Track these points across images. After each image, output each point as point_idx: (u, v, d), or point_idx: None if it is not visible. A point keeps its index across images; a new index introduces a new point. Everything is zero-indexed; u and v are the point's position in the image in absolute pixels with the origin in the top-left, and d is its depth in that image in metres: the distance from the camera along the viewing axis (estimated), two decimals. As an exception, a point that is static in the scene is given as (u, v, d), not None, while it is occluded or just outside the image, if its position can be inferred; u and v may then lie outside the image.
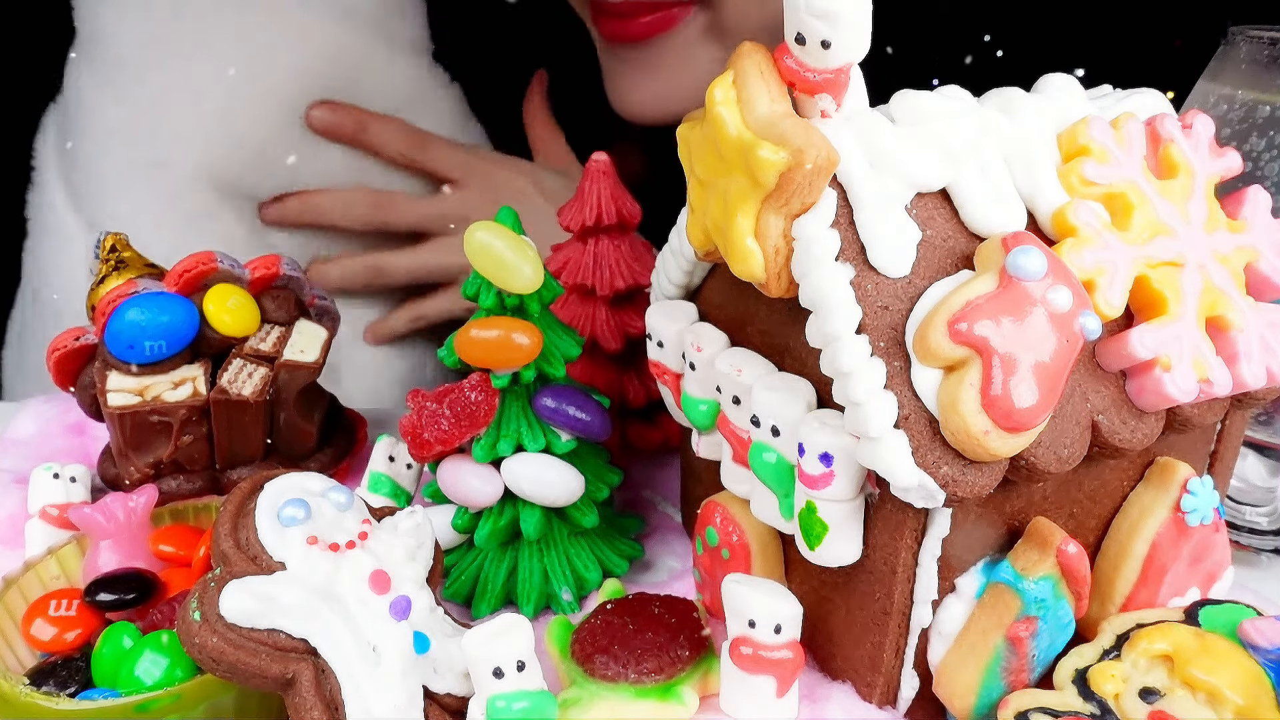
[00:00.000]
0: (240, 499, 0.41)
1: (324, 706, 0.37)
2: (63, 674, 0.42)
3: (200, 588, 0.38)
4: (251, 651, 0.37)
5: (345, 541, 0.40)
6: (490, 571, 0.51)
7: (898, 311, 0.37)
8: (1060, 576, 0.39)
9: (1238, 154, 0.43)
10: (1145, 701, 0.37)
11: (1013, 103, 0.40)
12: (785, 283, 0.38)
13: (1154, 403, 0.38)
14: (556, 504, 0.49)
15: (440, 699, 0.39)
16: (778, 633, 0.40)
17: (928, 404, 0.35)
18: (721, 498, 0.46)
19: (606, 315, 0.59)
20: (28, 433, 0.64)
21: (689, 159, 0.41)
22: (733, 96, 0.37)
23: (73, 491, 0.53)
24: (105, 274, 0.57)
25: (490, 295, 0.47)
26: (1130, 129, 0.41)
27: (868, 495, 0.39)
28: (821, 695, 0.43)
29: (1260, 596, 0.50)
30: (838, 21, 0.34)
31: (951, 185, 0.38)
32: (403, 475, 0.55)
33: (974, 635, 0.39)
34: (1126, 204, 0.39)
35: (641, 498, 0.61)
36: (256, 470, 0.56)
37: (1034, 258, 0.35)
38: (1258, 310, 0.41)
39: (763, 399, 0.41)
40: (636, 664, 0.41)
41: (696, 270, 0.48)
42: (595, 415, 0.50)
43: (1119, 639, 0.40)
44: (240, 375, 0.55)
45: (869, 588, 0.41)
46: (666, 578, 0.54)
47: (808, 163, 0.35)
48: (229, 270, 0.56)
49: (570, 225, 0.58)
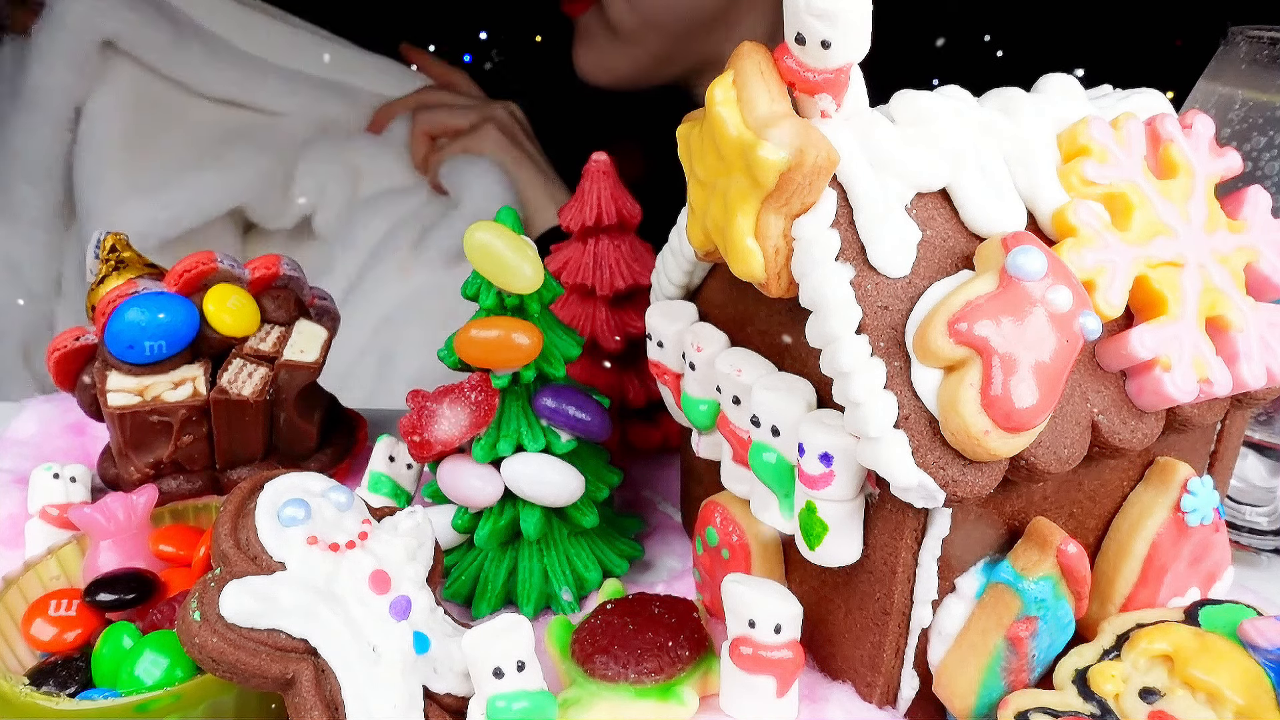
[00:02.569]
0: (240, 499, 0.41)
1: (324, 706, 0.37)
2: (63, 674, 0.42)
3: (200, 588, 0.38)
4: (251, 651, 0.37)
5: (345, 541, 0.40)
6: (490, 571, 0.51)
7: (898, 311, 0.37)
8: (1060, 576, 0.39)
9: (1238, 154, 0.43)
10: (1145, 701, 0.37)
11: (1013, 103, 0.40)
12: (785, 283, 0.38)
13: (1154, 403, 0.38)
14: (556, 504, 0.49)
15: (440, 699, 0.39)
16: (778, 633, 0.40)
17: (928, 404, 0.35)
18: (721, 498, 0.46)
19: (606, 315, 0.59)
20: (28, 433, 0.64)
21: (689, 159, 0.41)
22: (733, 96, 0.37)
23: (73, 491, 0.53)
24: (105, 274, 0.57)
25: (490, 295, 0.47)
26: (1130, 129, 0.41)
27: (868, 495, 0.39)
28: (821, 695, 0.43)
29: (1260, 596, 0.50)
30: (838, 21, 0.34)
31: (951, 185, 0.38)
32: (403, 475, 0.55)
33: (974, 635, 0.39)
34: (1126, 204, 0.39)
35: (641, 498, 0.61)
36: (256, 470, 0.56)
37: (1034, 258, 0.35)
38: (1258, 310, 0.41)
39: (763, 399, 0.41)
40: (636, 664, 0.41)
41: (696, 270, 0.48)
42: (595, 415, 0.50)
43: (1119, 639, 0.40)
44: (240, 375, 0.54)
45: (869, 588, 0.41)
46: (666, 578, 0.54)
47: (808, 163, 0.35)
48: (229, 270, 0.56)
49: (570, 225, 0.57)
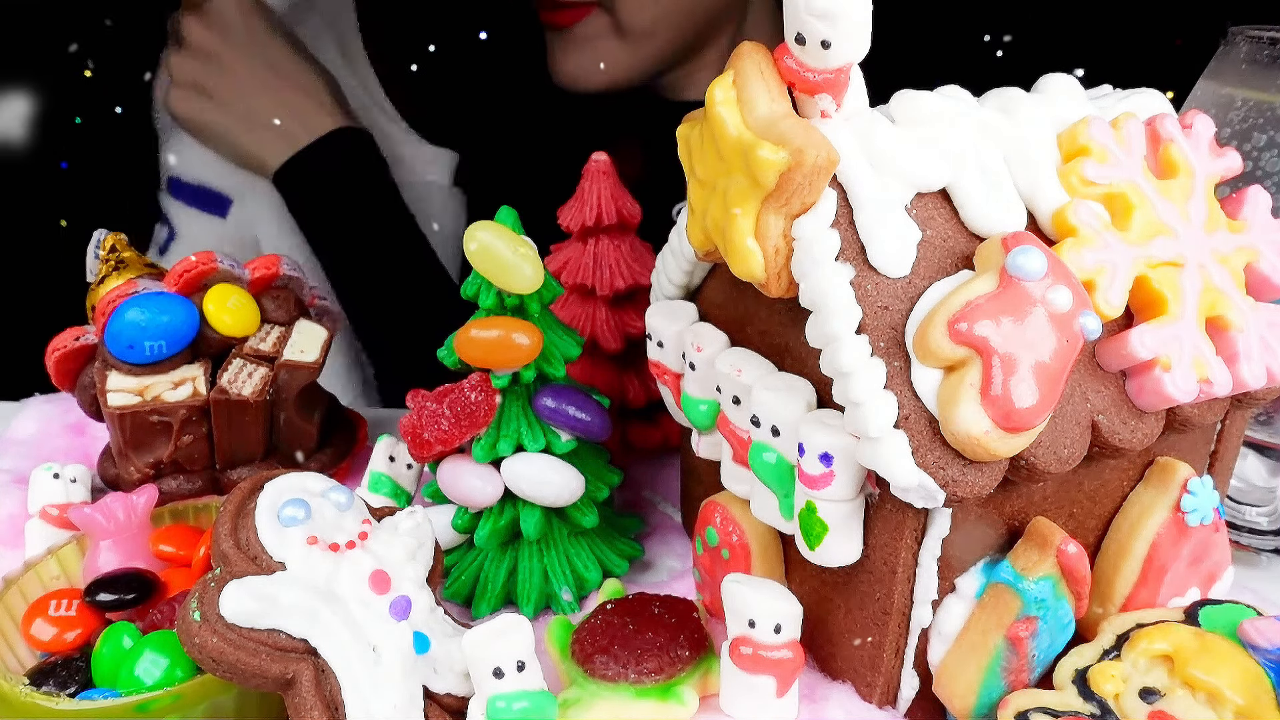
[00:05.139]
0: (240, 499, 0.41)
1: (324, 706, 0.37)
2: (63, 674, 0.42)
3: (200, 588, 0.38)
4: (251, 651, 0.37)
5: (345, 542, 0.40)
6: (490, 571, 0.51)
7: (898, 311, 0.37)
8: (1060, 576, 0.39)
9: (1238, 154, 0.43)
10: (1145, 701, 0.37)
11: (1013, 103, 0.40)
12: (785, 283, 0.38)
13: (1154, 403, 0.38)
14: (556, 504, 0.49)
15: (440, 699, 0.39)
16: (778, 633, 0.40)
17: (928, 404, 0.35)
18: (721, 498, 0.46)
19: (606, 315, 0.59)
20: (28, 433, 0.64)
21: (689, 159, 0.41)
22: (733, 96, 0.37)
23: (73, 491, 0.53)
24: (105, 274, 0.57)
25: (490, 295, 0.47)
26: (1130, 129, 0.41)
27: (868, 495, 0.39)
28: (821, 695, 0.43)
29: (1260, 596, 0.50)
30: (838, 21, 0.34)
31: (951, 185, 0.38)
32: (403, 475, 0.55)
33: (974, 635, 0.39)
34: (1126, 204, 0.39)
35: (641, 498, 0.61)
36: (256, 470, 0.56)
37: (1034, 258, 0.35)
38: (1258, 310, 0.41)
39: (763, 399, 0.41)
40: (636, 664, 0.41)
41: (696, 270, 0.48)
42: (595, 415, 0.50)
43: (1119, 639, 0.40)
44: (240, 375, 0.54)
45: (869, 588, 0.41)
46: (666, 578, 0.54)
47: (808, 163, 0.35)
48: (229, 270, 0.56)
49: (570, 225, 0.58)
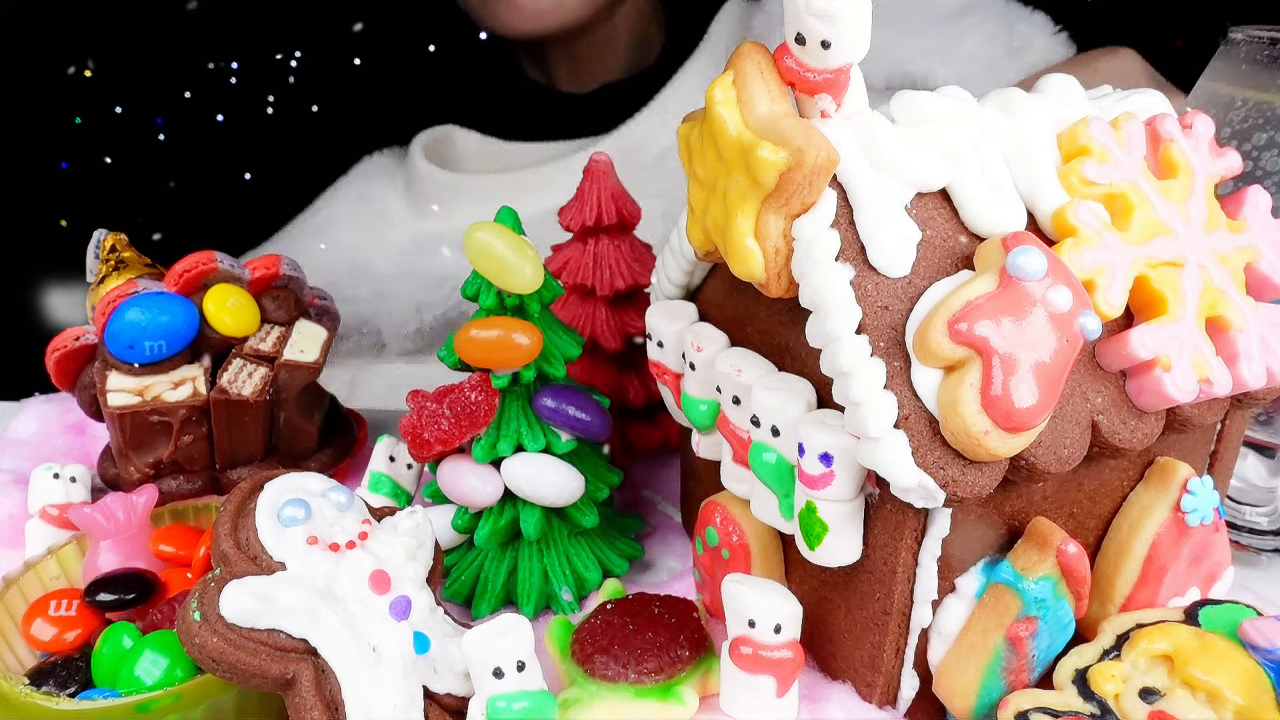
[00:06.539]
0: (240, 499, 0.41)
1: (324, 706, 0.37)
2: (63, 674, 0.42)
3: (200, 588, 0.38)
4: (251, 651, 0.37)
5: (345, 542, 0.40)
6: (490, 571, 0.51)
7: (898, 311, 0.37)
8: (1060, 576, 0.39)
9: (1238, 154, 0.43)
10: (1145, 701, 0.37)
11: (1013, 103, 0.40)
12: (785, 283, 0.38)
13: (1154, 403, 0.38)
14: (556, 504, 0.49)
15: (440, 699, 0.39)
16: (778, 633, 0.40)
17: (928, 404, 0.35)
18: (721, 498, 0.46)
19: (606, 315, 0.59)
20: (28, 433, 0.64)
21: (689, 159, 0.41)
22: (733, 96, 0.37)
23: (73, 491, 0.54)
24: (105, 274, 0.57)
25: (490, 295, 0.47)
26: (1130, 129, 0.41)
27: (868, 495, 0.39)
28: (821, 695, 0.43)
29: (1260, 596, 0.50)
30: (838, 21, 0.34)
31: (951, 185, 0.38)
32: (403, 475, 0.55)
33: (974, 635, 0.39)
34: (1126, 204, 0.39)
35: (641, 498, 0.61)
36: (256, 470, 0.56)
37: (1034, 258, 0.35)
38: (1258, 310, 0.41)
39: (763, 399, 0.41)
40: (636, 664, 0.41)
41: (696, 270, 0.48)
42: (595, 415, 0.50)
43: (1119, 639, 0.40)
44: (240, 375, 0.55)
45: (869, 588, 0.41)
46: (666, 578, 0.54)
47: (808, 163, 0.35)
48: (229, 270, 0.56)
49: (570, 225, 0.57)
